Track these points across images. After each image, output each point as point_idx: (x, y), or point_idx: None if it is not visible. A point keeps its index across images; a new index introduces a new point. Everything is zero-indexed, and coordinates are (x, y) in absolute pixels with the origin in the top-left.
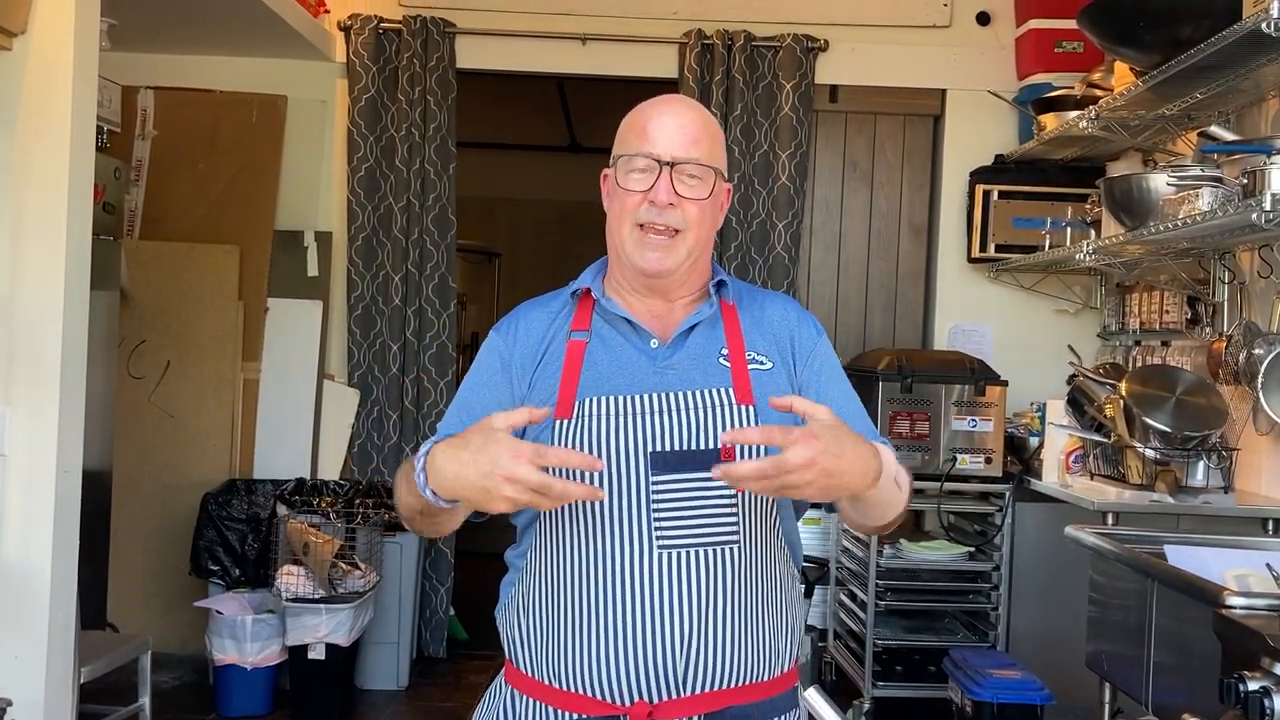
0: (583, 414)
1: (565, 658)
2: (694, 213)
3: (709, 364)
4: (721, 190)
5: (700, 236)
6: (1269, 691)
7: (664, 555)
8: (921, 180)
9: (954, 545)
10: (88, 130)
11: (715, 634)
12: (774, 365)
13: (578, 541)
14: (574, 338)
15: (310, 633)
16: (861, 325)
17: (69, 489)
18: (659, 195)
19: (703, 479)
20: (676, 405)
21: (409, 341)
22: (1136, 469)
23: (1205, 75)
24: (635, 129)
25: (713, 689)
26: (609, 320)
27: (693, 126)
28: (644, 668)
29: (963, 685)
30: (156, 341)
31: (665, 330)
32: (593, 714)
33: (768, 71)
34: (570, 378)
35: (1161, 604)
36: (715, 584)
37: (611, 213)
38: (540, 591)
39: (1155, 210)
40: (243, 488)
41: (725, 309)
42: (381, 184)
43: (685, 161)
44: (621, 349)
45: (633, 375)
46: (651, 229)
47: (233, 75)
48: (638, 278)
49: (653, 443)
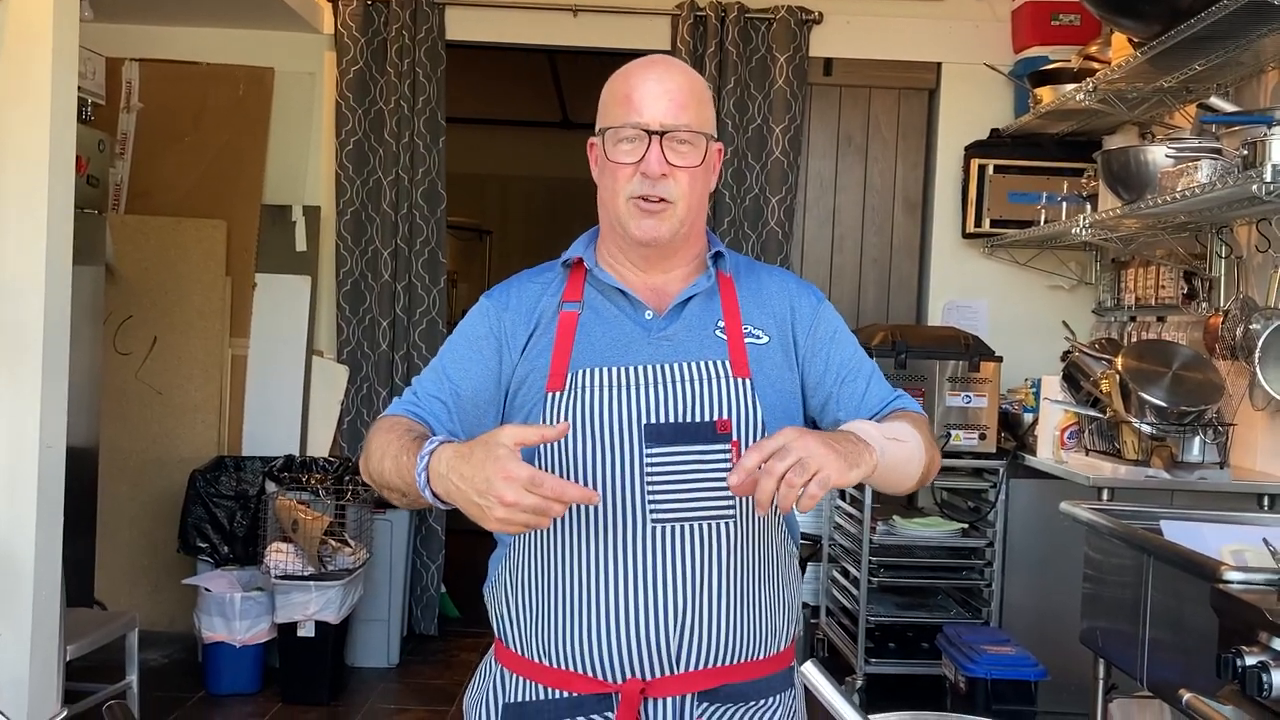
0: (575, 385)
1: (555, 635)
2: (686, 180)
3: (705, 336)
4: (713, 153)
5: (693, 203)
6: (1267, 666)
7: (658, 530)
8: (916, 155)
9: (948, 522)
10: (68, 100)
11: (709, 611)
12: (771, 340)
13: (570, 516)
14: (566, 309)
15: (300, 610)
16: (855, 301)
17: (52, 465)
18: (650, 167)
19: (698, 452)
20: (672, 377)
21: (399, 318)
22: (1132, 444)
23: (1204, 46)
24: (620, 97)
25: (707, 666)
26: (602, 291)
27: (680, 92)
28: (637, 645)
29: (956, 661)
30: (143, 317)
31: (661, 302)
32: (584, 692)
33: (761, 44)
34: (563, 349)
35: (1157, 579)
36: (710, 560)
37: (603, 186)
38: (530, 567)
39: (1153, 183)
40: (231, 465)
41: (722, 281)
42: (370, 158)
43: (675, 129)
44: (615, 320)
45: (626, 347)
46: (645, 200)
47: (219, 47)
48: (633, 248)
49: (647, 415)
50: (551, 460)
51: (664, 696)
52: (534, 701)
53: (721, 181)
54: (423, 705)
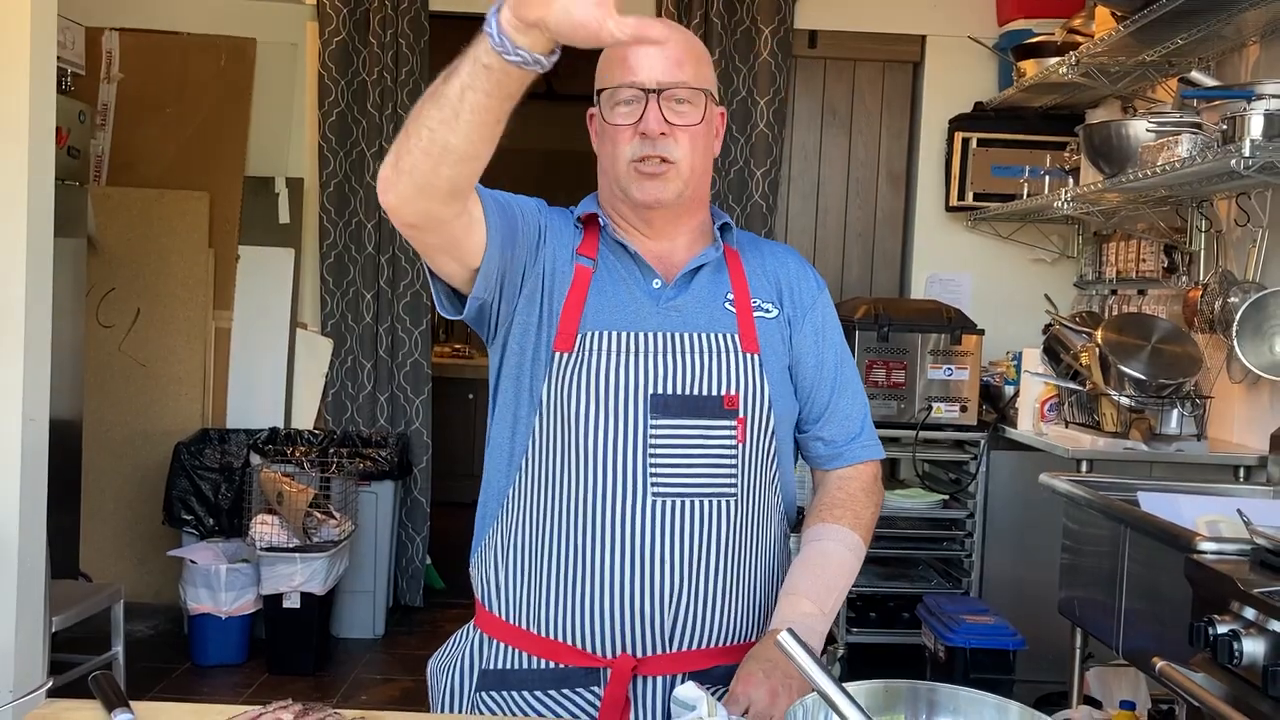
0: (584, 348)
1: (546, 603)
2: (686, 140)
3: (715, 308)
4: (714, 114)
5: (696, 164)
6: (1237, 634)
7: (658, 503)
8: (900, 128)
9: (929, 493)
10: (48, 70)
11: (706, 589)
12: (778, 314)
13: (568, 483)
14: (581, 262)
15: (285, 582)
16: (839, 274)
17: (35, 438)
18: (649, 125)
19: (704, 426)
20: (681, 346)
21: (382, 290)
22: (1111, 417)
23: (1186, 20)
24: (616, 58)
25: (701, 646)
26: (614, 251)
27: (676, 48)
28: (630, 619)
29: (936, 631)
30: (126, 289)
31: (669, 271)
32: (573, 664)
33: (746, 16)
34: (574, 307)
35: (1134, 550)
36: (709, 537)
37: (603, 154)
38: (524, 532)
39: (1134, 157)
40: (215, 437)
41: (729, 254)
42: (353, 129)
43: (672, 86)
44: (625, 284)
45: (636, 312)
46: (646, 162)
47: (200, 17)
48: (637, 213)
49: (654, 384)
50: (553, 425)
51: (655, 675)
52: (517, 670)
53: None
54: (408, 675)
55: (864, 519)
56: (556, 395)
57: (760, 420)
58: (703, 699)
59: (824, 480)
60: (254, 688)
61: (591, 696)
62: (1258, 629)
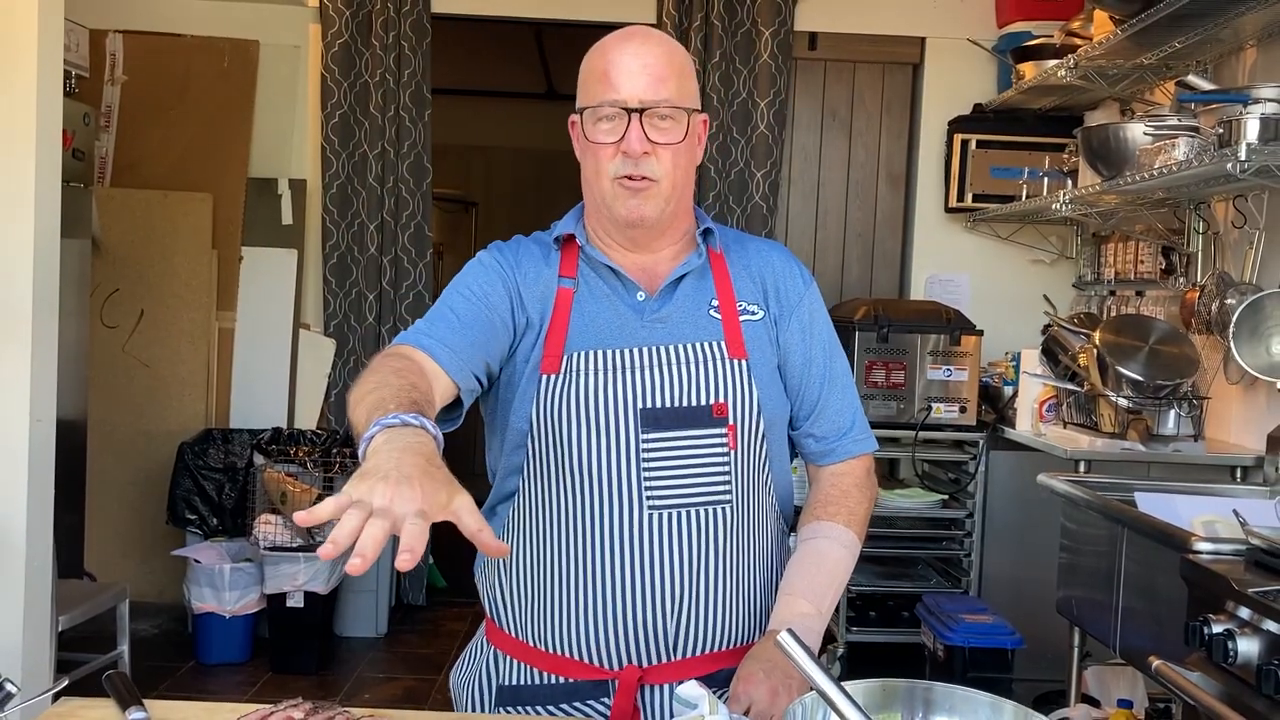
0: (571, 369)
1: (550, 621)
2: (669, 157)
3: (699, 316)
4: (697, 125)
5: (678, 180)
6: (1232, 634)
7: (655, 516)
8: (900, 129)
9: (928, 493)
10: (54, 73)
11: (707, 596)
12: (764, 315)
13: (565, 502)
14: (562, 284)
15: (288, 581)
16: (839, 275)
17: (42, 438)
18: (631, 146)
19: (695, 436)
20: (667, 359)
21: (385, 291)
22: (1109, 417)
23: (1184, 24)
24: (596, 74)
25: (705, 652)
26: (595, 269)
27: (658, 64)
28: (634, 631)
29: (935, 630)
30: (130, 290)
31: (652, 283)
32: (581, 678)
33: (746, 18)
34: (558, 329)
35: (1131, 550)
36: (707, 545)
37: (586, 166)
38: (524, 551)
39: (1132, 160)
40: (219, 437)
41: (713, 258)
42: (356, 131)
43: (654, 104)
44: (608, 300)
45: (621, 328)
46: (629, 180)
47: (203, 19)
48: (620, 229)
49: (643, 399)
50: (546, 447)
51: (661, 683)
52: (529, 685)
53: (706, 156)
54: (411, 674)
55: (858, 514)
56: (546, 417)
57: (750, 425)
58: (704, 697)
59: (817, 476)
60: (258, 686)
61: (601, 707)
62: (1252, 629)
